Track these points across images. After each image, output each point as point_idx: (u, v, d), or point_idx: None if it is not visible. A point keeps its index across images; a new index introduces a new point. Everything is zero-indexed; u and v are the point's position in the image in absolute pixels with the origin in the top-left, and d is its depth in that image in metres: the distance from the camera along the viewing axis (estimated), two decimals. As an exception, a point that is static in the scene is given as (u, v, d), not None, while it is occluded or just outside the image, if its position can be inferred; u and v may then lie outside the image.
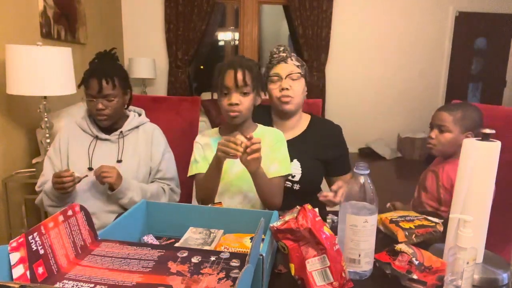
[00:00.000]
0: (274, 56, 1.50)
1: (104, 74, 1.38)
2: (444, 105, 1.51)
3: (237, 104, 1.26)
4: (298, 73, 1.48)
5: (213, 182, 1.26)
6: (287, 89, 1.44)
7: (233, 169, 1.32)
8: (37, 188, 1.47)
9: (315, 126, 1.55)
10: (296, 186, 1.46)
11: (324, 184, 1.55)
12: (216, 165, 1.21)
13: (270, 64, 1.52)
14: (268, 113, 1.57)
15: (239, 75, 1.24)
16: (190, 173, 1.36)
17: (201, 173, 1.32)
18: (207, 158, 1.32)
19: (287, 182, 1.42)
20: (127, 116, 1.53)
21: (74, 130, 1.49)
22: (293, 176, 1.44)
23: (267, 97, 1.53)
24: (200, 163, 1.34)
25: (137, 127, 1.52)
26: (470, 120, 1.40)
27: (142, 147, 1.49)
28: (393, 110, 5.33)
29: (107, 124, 1.45)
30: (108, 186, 1.38)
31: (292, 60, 1.49)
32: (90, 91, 1.38)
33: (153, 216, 1.07)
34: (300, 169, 1.45)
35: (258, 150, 1.12)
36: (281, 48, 1.50)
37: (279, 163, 1.31)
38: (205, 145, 1.38)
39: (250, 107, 1.31)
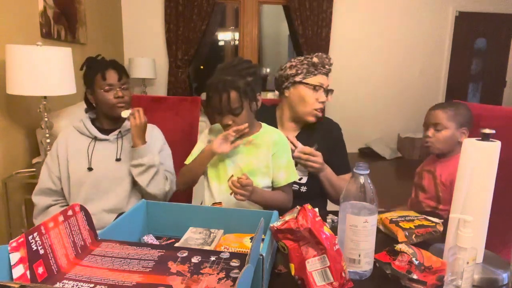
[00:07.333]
0: (326, 66, 1.47)
1: (118, 64, 1.47)
2: (435, 105, 1.56)
3: (229, 125, 1.23)
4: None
5: (197, 171, 1.31)
6: (323, 102, 1.47)
7: (230, 171, 1.30)
8: (33, 197, 1.45)
9: (314, 124, 1.54)
10: (303, 189, 1.45)
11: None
12: (207, 158, 1.26)
13: (315, 70, 1.45)
14: (272, 114, 1.55)
15: (225, 99, 1.19)
16: (186, 162, 1.36)
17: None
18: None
19: (294, 185, 1.42)
20: None
21: (72, 133, 1.49)
22: (300, 179, 1.43)
23: (276, 95, 1.52)
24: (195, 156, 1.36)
25: None
26: (463, 116, 1.46)
27: None
28: (393, 110, 5.33)
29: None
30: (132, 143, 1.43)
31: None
32: (109, 81, 1.43)
33: (153, 216, 1.07)
34: (307, 171, 1.44)
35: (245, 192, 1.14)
36: (332, 61, 1.50)
37: (285, 171, 1.29)
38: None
39: (247, 120, 1.26)
